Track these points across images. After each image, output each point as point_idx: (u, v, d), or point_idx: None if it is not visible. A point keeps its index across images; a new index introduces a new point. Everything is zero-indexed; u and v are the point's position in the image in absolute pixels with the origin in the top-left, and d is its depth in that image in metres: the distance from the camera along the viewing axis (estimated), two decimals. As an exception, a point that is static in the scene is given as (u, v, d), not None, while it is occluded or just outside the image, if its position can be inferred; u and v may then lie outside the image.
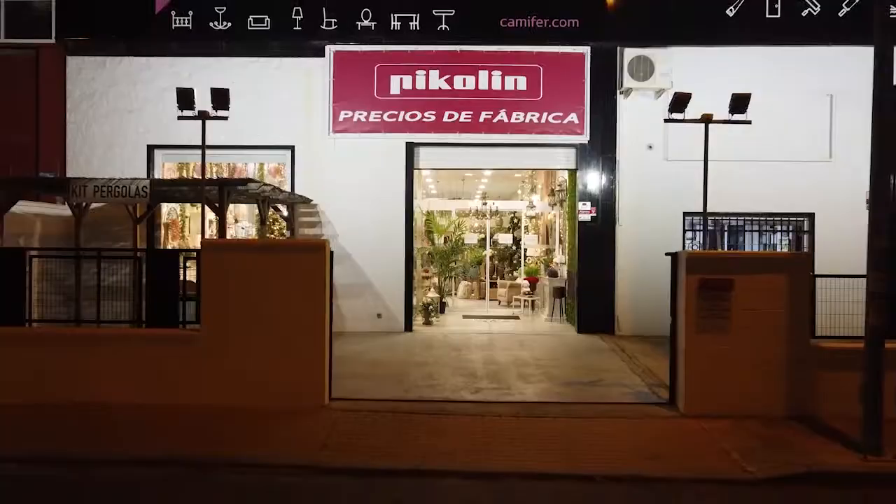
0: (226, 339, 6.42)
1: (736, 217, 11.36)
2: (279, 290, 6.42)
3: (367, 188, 11.23)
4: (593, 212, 11.18)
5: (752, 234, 11.70)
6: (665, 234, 11.08)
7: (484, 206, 14.21)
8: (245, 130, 11.16)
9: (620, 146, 11.16)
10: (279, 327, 6.41)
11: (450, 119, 11.14)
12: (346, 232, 11.26)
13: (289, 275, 6.44)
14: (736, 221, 11.49)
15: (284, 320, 6.42)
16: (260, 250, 6.58)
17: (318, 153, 11.24)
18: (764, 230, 11.76)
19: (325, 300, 6.55)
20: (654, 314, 10.87)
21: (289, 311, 6.42)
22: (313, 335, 6.51)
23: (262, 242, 7.05)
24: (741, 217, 11.40)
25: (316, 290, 6.49)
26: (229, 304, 6.41)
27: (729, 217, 11.40)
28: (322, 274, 6.51)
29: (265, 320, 6.41)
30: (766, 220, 11.52)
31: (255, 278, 6.41)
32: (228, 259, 6.46)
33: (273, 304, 6.41)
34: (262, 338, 6.41)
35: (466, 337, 10.85)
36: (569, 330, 11.65)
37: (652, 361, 8.85)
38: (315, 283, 6.49)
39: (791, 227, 11.76)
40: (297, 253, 6.51)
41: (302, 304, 6.46)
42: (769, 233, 11.96)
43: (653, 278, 10.90)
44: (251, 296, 6.40)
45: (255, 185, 7.63)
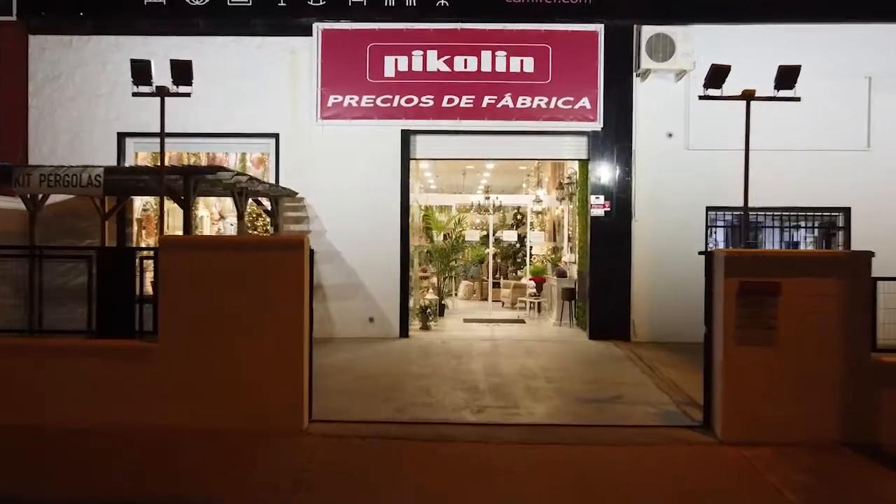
0: (187, 351, 5.60)
1: (763, 212, 10.52)
2: (250, 295, 5.61)
3: (358, 180, 10.41)
4: (607, 206, 10.35)
5: (773, 231, 10.88)
6: (685, 231, 10.30)
7: (487, 200, 13.39)
8: (224, 117, 10.37)
9: (637, 134, 10.33)
10: (250, 338, 5.60)
11: (449, 104, 10.31)
12: (335, 228, 10.44)
13: (262, 277, 5.62)
14: (763, 217, 10.65)
15: (256, 329, 5.60)
16: (228, 249, 5.76)
17: (305, 142, 10.41)
18: (787, 226, 10.94)
19: (304, 305, 5.73)
20: (673, 318, 10.10)
21: (261, 319, 5.60)
22: (290, 346, 5.69)
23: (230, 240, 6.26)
24: (768, 212, 10.57)
25: (293, 294, 5.67)
26: (191, 311, 5.60)
27: (754, 212, 10.55)
28: (300, 275, 5.69)
29: (233, 330, 5.59)
30: (798, 215, 10.68)
31: (221, 281, 5.59)
32: (191, 259, 5.64)
33: (243, 311, 5.59)
34: (229, 350, 5.60)
35: (468, 343, 10.02)
36: (579, 335, 10.83)
37: (676, 373, 8.03)
38: (292, 286, 5.67)
39: (820, 223, 10.93)
40: (271, 251, 5.69)
41: (277, 311, 5.65)
42: (792, 229, 11.14)
43: (672, 279, 10.12)
44: (217, 301, 5.59)
45: (227, 174, 6.81)
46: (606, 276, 10.37)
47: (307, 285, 5.79)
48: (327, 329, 10.37)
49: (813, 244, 11.25)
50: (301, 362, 5.75)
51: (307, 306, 5.80)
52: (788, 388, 5.47)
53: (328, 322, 10.40)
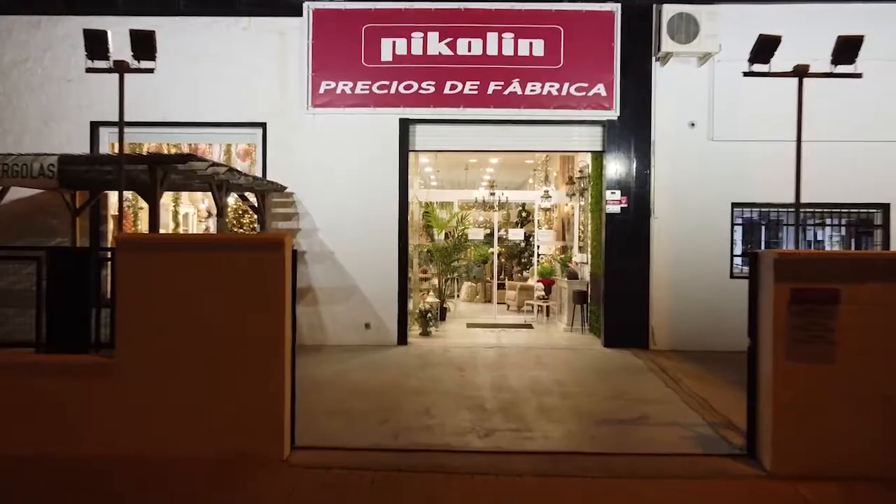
0: (148, 367, 4.87)
1: (787, 209, 9.77)
2: (222, 302, 4.88)
3: (352, 174, 9.68)
4: (624, 202, 9.61)
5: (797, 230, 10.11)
6: (709, 229, 9.58)
7: (492, 196, 12.66)
8: (207, 105, 9.64)
9: (656, 123, 9.59)
10: (221, 351, 4.87)
11: (452, 91, 9.57)
12: (327, 225, 9.71)
13: (236, 281, 4.89)
14: (786, 214, 9.90)
15: (229, 342, 4.87)
16: (196, 249, 5.03)
17: (295, 132, 9.68)
18: (812, 224, 10.19)
19: (285, 313, 5.00)
20: (696, 325, 9.39)
21: (235, 330, 4.87)
22: (269, 361, 4.95)
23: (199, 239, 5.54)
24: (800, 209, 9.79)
25: (273, 301, 4.94)
26: (153, 321, 4.87)
27: (779, 209, 9.82)
28: (281, 279, 4.96)
29: (202, 342, 4.87)
30: (826, 212, 9.94)
31: (189, 286, 4.87)
32: (153, 261, 4.91)
33: (213, 321, 4.87)
34: (197, 366, 4.87)
35: (472, 352, 9.29)
36: (593, 343, 10.09)
37: (704, 387, 7.30)
38: (272, 292, 4.94)
39: (848, 221, 10.18)
40: (247, 252, 4.95)
41: (254, 320, 4.92)
42: (817, 227, 10.40)
43: (695, 281, 9.41)
44: (183, 310, 4.86)
45: (200, 164, 6.08)
46: (623, 278, 9.63)
47: (289, 290, 5.06)
48: (318, 336, 9.66)
49: (839, 244, 10.52)
50: (282, 380, 5.03)
51: (288, 314, 5.07)
52: (850, 412, 4.75)
53: (319, 328, 9.68)
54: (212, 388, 4.87)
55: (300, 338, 9.81)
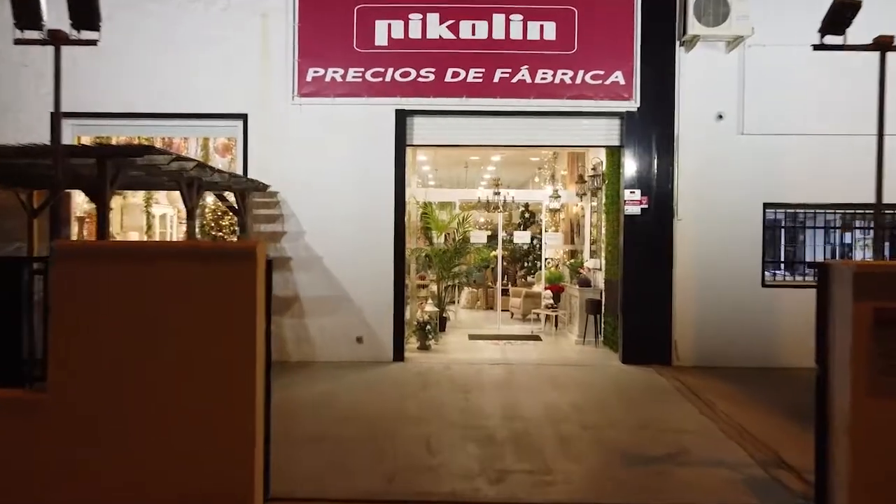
0: (87, 403, 4.01)
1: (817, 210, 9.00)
2: (181, 323, 4.02)
3: (343, 171, 8.86)
4: (644, 202, 8.80)
5: (814, 233, 9.29)
6: (738, 232, 8.78)
7: (496, 195, 11.85)
8: (181, 94, 8.82)
9: (680, 116, 8.78)
10: (177, 383, 4.02)
11: (454, 79, 8.75)
12: (315, 229, 8.88)
13: (197, 297, 4.04)
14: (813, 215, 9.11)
15: (186, 372, 4.02)
16: (149, 259, 4.18)
17: (279, 124, 8.85)
18: (832, 227, 9.39)
19: (255, 335, 4.14)
20: (724, 339, 8.61)
21: (194, 357, 4.02)
22: (236, 394, 4.10)
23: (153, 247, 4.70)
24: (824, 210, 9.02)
25: (241, 321, 4.08)
26: (95, 347, 4.01)
27: (817, 210, 9.03)
28: (251, 295, 4.10)
29: (156, 370, 4.01)
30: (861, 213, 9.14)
31: (139, 304, 4.02)
32: (96, 274, 4.05)
33: (167, 347, 4.02)
34: (147, 401, 4.02)
35: (476, 370, 8.47)
36: (610, 358, 9.27)
37: (744, 413, 6.49)
38: (240, 310, 4.08)
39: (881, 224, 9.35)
40: (210, 263, 4.11)
41: (218, 344, 4.06)
42: (834, 230, 9.57)
43: (723, 290, 8.63)
44: (131, 333, 4.01)
45: (162, 157, 5.23)
46: (643, 287, 8.82)
47: (263, 307, 4.21)
48: (306, 351, 8.83)
49: (864, 248, 9.72)
50: (252, 417, 4.17)
51: (263, 335, 4.22)
52: (948, 460, 3.93)
53: (307, 342, 8.85)
54: (163, 428, 4.03)
55: (285, 354, 9.08)
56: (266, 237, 8.89)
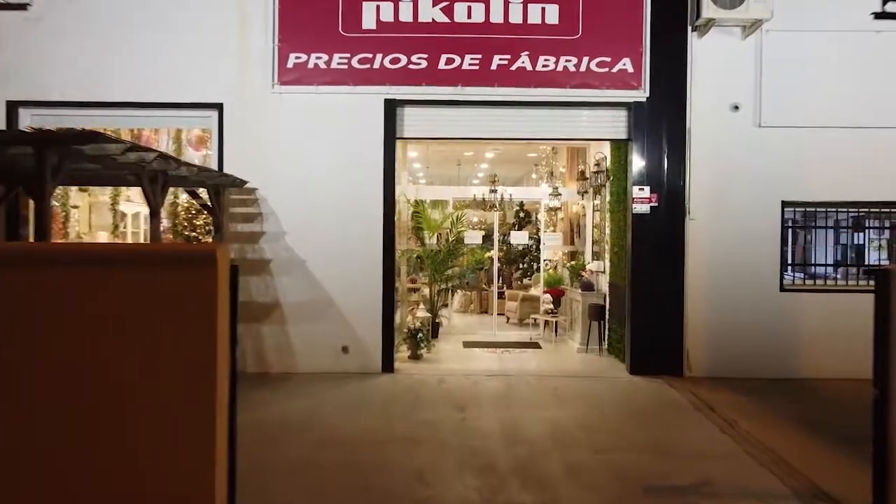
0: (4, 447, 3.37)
1: (856, 209, 8.46)
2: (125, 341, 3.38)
3: (328, 166, 8.24)
4: (654, 200, 8.22)
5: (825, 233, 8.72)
6: (755, 232, 8.22)
7: (492, 193, 11.23)
8: (150, 81, 8.17)
9: (693, 107, 8.21)
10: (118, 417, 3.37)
11: (448, 66, 8.14)
12: (297, 228, 8.25)
13: (145, 311, 3.39)
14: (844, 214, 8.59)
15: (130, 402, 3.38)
16: (85, 265, 3.53)
17: (257, 115, 8.21)
18: (843, 227, 8.85)
19: (214, 351, 3.47)
20: (740, 347, 8.06)
21: (139, 385, 3.37)
22: (192, 430, 3.46)
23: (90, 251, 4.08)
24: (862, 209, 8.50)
25: (198, 337, 3.42)
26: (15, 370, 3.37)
27: (839, 209, 8.49)
28: (210, 307, 3.43)
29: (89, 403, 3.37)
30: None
31: (70, 320, 3.37)
32: (13, 283, 3.41)
33: (106, 371, 3.37)
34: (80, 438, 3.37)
35: (472, 382, 7.85)
36: (616, 368, 8.69)
37: (771, 433, 5.92)
38: (196, 325, 3.42)
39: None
40: (161, 270, 3.46)
41: (170, 366, 3.42)
42: (846, 231, 9.02)
43: (738, 295, 8.09)
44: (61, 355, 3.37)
45: (114, 146, 4.59)
46: (652, 291, 8.24)
47: (225, 317, 3.56)
48: (287, 361, 8.19)
49: (879, 250, 9.18)
50: (210, 444, 3.53)
51: (226, 349, 3.58)
52: None
53: (288, 352, 8.21)
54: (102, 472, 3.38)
55: (265, 364, 8.42)
56: (244, 238, 8.25)
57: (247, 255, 8.25)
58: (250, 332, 8.23)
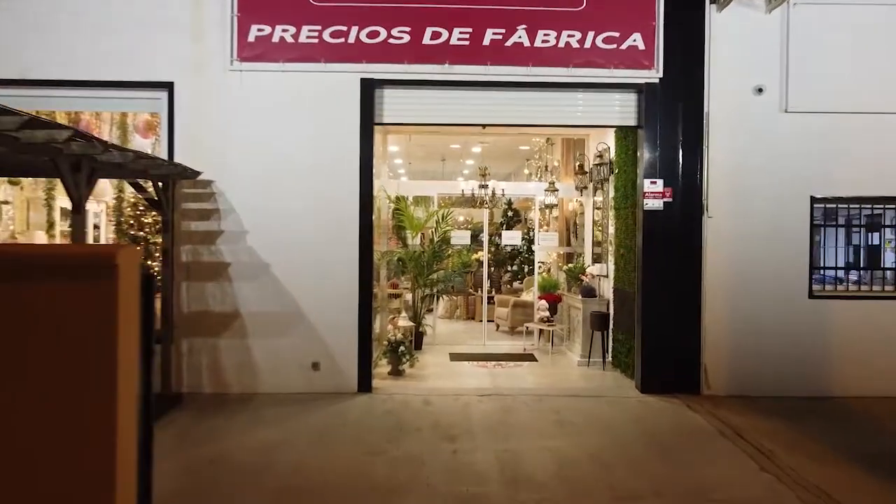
0: None
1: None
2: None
3: (296, 156, 7.27)
4: (668, 195, 7.34)
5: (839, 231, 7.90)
6: (781, 232, 7.39)
7: (482, 189, 10.30)
8: (90, 56, 7.14)
9: (711, 89, 7.35)
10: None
11: (434, 41, 7.21)
12: (260, 227, 7.26)
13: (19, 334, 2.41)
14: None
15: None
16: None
17: (214, 96, 7.22)
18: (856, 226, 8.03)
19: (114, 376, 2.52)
20: (764, 361, 7.27)
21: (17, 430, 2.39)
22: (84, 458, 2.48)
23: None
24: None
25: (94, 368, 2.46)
26: None
27: (874, 206, 7.68)
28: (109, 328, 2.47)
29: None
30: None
31: None
32: None
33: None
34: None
35: (462, 404, 6.91)
36: (624, 386, 7.81)
37: (817, 467, 5.08)
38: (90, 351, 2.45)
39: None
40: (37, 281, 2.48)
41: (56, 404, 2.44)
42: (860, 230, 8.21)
43: (762, 303, 7.29)
44: None
45: (9, 119, 3.60)
46: (666, 298, 7.37)
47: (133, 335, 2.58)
48: (248, 380, 7.20)
49: None
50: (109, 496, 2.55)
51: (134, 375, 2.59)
52: None
53: (250, 370, 7.22)
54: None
55: (222, 384, 7.37)
56: (199, 238, 7.24)
57: (202, 258, 7.24)
58: (206, 348, 7.22)
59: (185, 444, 5.58)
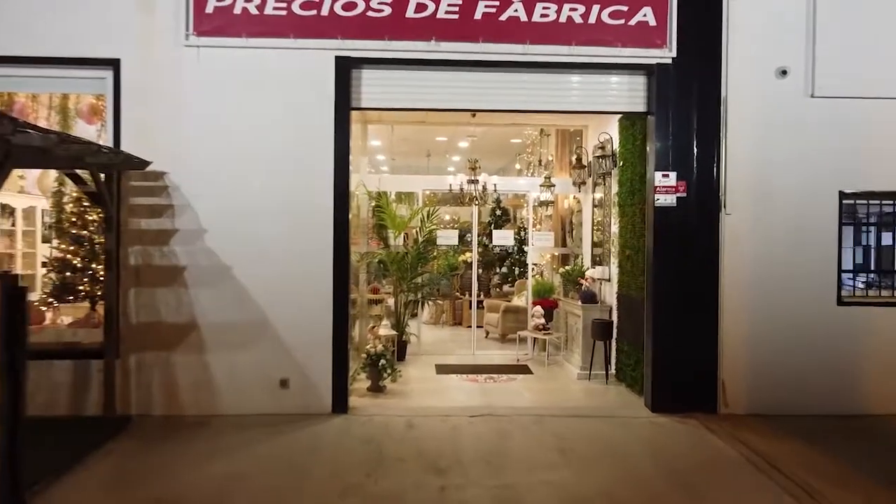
0: None
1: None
2: None
3: (261, 145, 6.47)
4: (681, 189, 6.62)
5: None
6: (807, 231, 6.70)
7: (472, 184, 9.50)
8: (22, 30, 6.26)
9: (729, 71, 6.63)
10: None
11: (419, 13, 6.44)
12: (221, 226, 6.45)
13: None
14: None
15: None
16: None
17: (167, 75, 6.39)
18: None
19: None
20: (790, 375, 6.61)
21: None
22: None
23: None
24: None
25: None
26: None
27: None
28: None
29: None
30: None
31: None
32: None
33: None
34: None
35: (450, 426, 6.14)
36: (631, 403, 7.08)
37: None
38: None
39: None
40: None
41: None
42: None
43: (786, 309, 6.63)
44: None
45: None
46: (678, 305, 6.65)
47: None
48: (207, 401, 6.39)
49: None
50: None
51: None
52: None
53: (209, 388, 6.41)
54: None
55: (176, 405, 6.29)
56: (150, 238, 6.41)
57: (153, 261, 6.41)
58: (158, 363, 6.38)
59: (124, 481, 4.77)
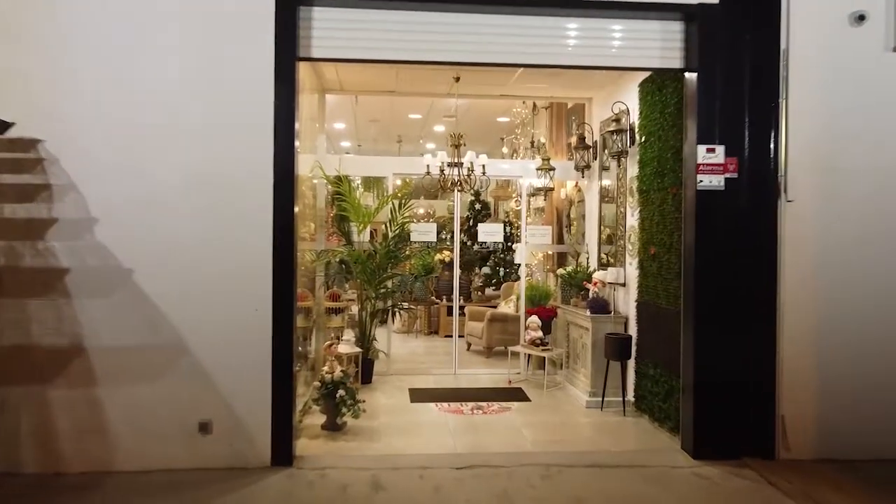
0: None
1: None
2: None
3: (174, 104, 4.89)
4: (731, 168, 5.20)
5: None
6: (890, 221, 5.32)
7: (455, 168, 7.92)
8: None
9: (792, 17, 5.22)
10: None
11: (387, -69, 4.90)
12: (116, 213, 4.86)
13: None
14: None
15: None
16: None
17: (43, 9, 4.78)
18: None
19: None
20: (874, 409, 5.16)
21: None
22: None
23: None
24: None
25: None
26: None
27: None
28: None
29: None
30: None
31: None
32: None
33: None
34: None
35: (429, 487, 4.63)
36: (664, 445, 5.65)
37: None
38: None
39: None
40: None
41: None
42: None
43: (867, 322, 5.20)
44: None
45: None
46: (724, 318, 5.23)
47: None
48: (96, 453, 4.81)
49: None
50: None
51: None
52: None
53: (98, 436, 4.82)
54: None
55: (51, 461, 4.35)
56: (18, 228, 4.80)
57: (23, 260, 4.80)
58: (29, 401, 4.78)
59: None
